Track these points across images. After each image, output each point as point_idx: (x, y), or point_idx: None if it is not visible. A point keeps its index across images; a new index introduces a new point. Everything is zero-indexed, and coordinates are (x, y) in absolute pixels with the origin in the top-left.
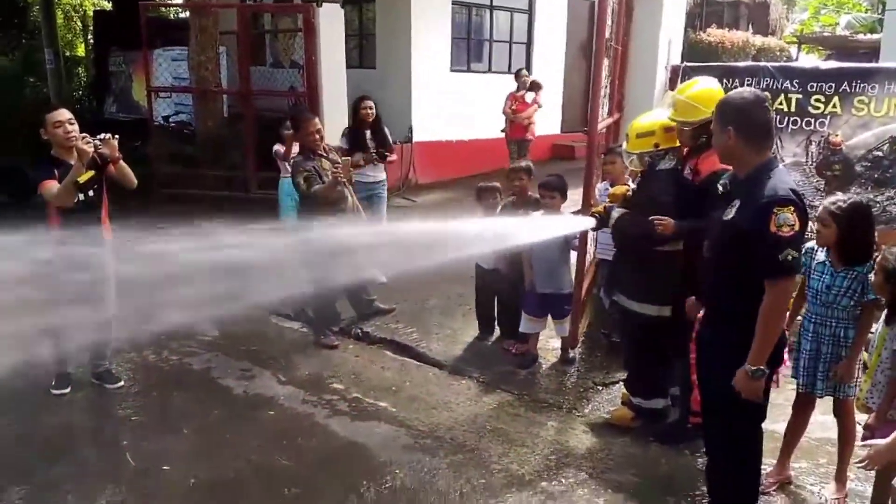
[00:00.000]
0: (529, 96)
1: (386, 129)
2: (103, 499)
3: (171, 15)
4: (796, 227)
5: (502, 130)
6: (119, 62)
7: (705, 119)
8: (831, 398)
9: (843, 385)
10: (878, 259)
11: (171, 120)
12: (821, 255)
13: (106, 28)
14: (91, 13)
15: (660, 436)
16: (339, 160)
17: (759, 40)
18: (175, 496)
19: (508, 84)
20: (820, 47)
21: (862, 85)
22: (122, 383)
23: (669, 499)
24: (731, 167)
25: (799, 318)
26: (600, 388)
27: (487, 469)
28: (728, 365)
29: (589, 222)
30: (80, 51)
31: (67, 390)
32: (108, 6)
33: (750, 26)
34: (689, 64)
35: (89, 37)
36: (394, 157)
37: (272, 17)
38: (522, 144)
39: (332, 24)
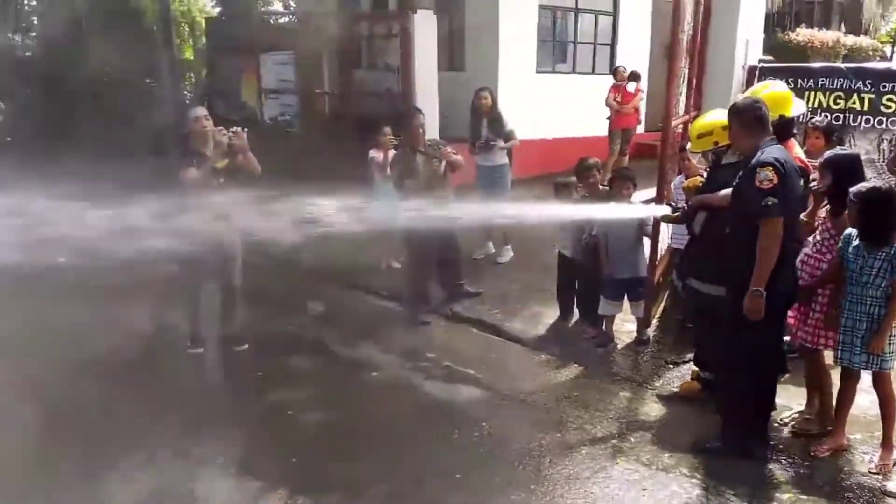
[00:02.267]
0: (632, 86)
1: (504, 118)
2: (240, 433)
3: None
4: (774, 182)
5: (608, 118)
6: (229, 65)
7: (772, 123)
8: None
9: (878, 358)
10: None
11: (277, 120)
12: (856, 240)
13: (217, 34)
14: (200, 20)
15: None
16: (436, 154)
17: (850, 40)
18: (297, 434)
19: (592, 84)
20: None
21: None
22: (246, 346)
23: (729, 460)
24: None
25: None
26: (671, 366)
27: (564, 426)
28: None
29: (664, 209)
30: (189, 55)
31: (201, 350)
32: (215, 14)
33: (842, 25)
34: (765, 64)
35: (197, 42)
36: (503, 143)
37: (369, 24)
38: (627, 133)
39: (425, 30)
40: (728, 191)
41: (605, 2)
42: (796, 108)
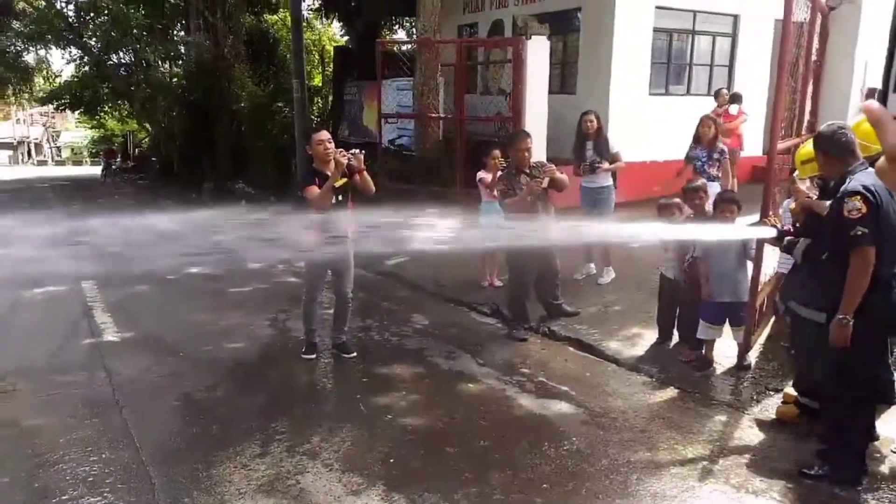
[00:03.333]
0: (734, 108)
1: (610, 140)
2: (344, 432)
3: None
4: (863, 211)
5: None
6: (353, 91)
7: (874, 155)
8: None
9: None
10: None
11: (394, 143)
12: None
13: (343, 61)
14: (329, 48)
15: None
16: (539, 174)
17: None
18: (396, 436)
19: (708, 106)
20: None
21: None
22: (354, 354)
23: (825, 487)
24: None
25: None
26: (772, 393)
27: (655, 447)
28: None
29: (769, 231)
30: (317, 81)
31: (314, 356)
32: (343, 42)
33: None
34: (882, 88)
35: (326, 69)
36: (607, 165)
37: (484, 50)
38: (732, 155)
39: (538, 55)
40: (828, 203)
41: (724, 23)
42: None
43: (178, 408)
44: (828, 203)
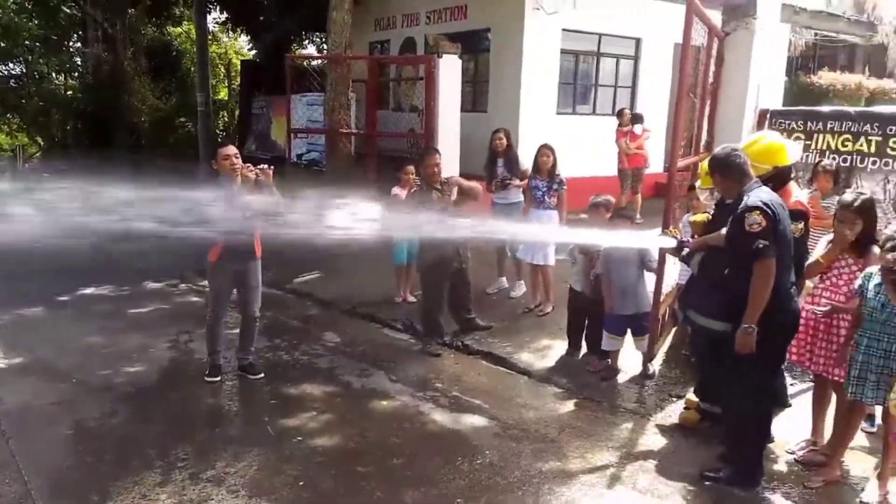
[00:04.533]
0: (638, 128)
1: (520, 158)
2: (251, 456)
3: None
4: (763, 224)
5: (617, 166)
6: (261, 106)
7: (766, 174)
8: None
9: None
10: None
11: (303, 158)
12: (877, 278)
13: (251, 75)
14: (235, 61)
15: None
16: (450, 190)
17: (873, 83)
18: (306, 458)
19: (612, 125)
20: None
21: None
22: (262, 375)
23: (726, 489)
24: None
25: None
26: (675, 399)
27: (565, 456)
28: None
29: (669, 242)
30: (223, 95)
31: (218, 379)
32: (250, 56)
33: (866, 69)
34: (774, 108)
35: (232, 83)
36: (517, 182)
37: (396, 67)
38: (637, 174)
39: (450, 74)
40: (723, 231)
41: (627, 46)
42: (792, 155)
43: (71, 437)
44: (723, 232)
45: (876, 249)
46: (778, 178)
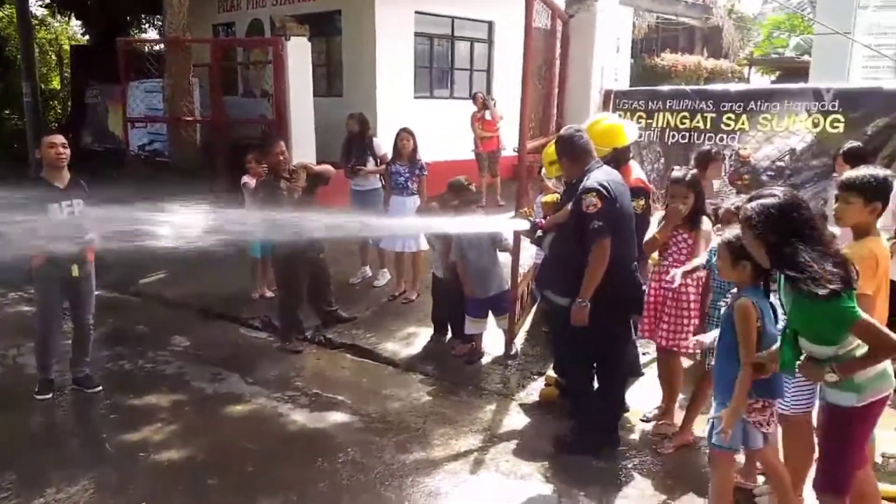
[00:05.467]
0: (488, 114)
1: (375, 143)
2: (86, 480)
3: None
4: (598, 205)
5: (473, 151)
6: (95, 94)
7: (606, 155)
8: None
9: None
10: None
11: (145, 149)
12: None
13: (83, 62)
14: (67, 47)
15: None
16: (299, 178)
17: (711, 63)
18: (150, 476)
19: (470, 108)
20: (770, 68)
21: (766, 104)
22: (100, 388)
23: (584, 458)
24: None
25: None
26: (537, 376)
27: (429, 444)
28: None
29: (523, 224)
30: (56, 84)
31: (49, 396)
32: (84, 41)
33: (704, 50)
34: (618, 89)
35: (65, 70)
36: (367, 167)
37: (244, 51)
38: (493, 157)
39: (299, 56)
40: (568, 209)
41: (480, 29)
42: (630, 135)
43: None
44: (569, 208)
45: (707, 222)
46: (618, 159)
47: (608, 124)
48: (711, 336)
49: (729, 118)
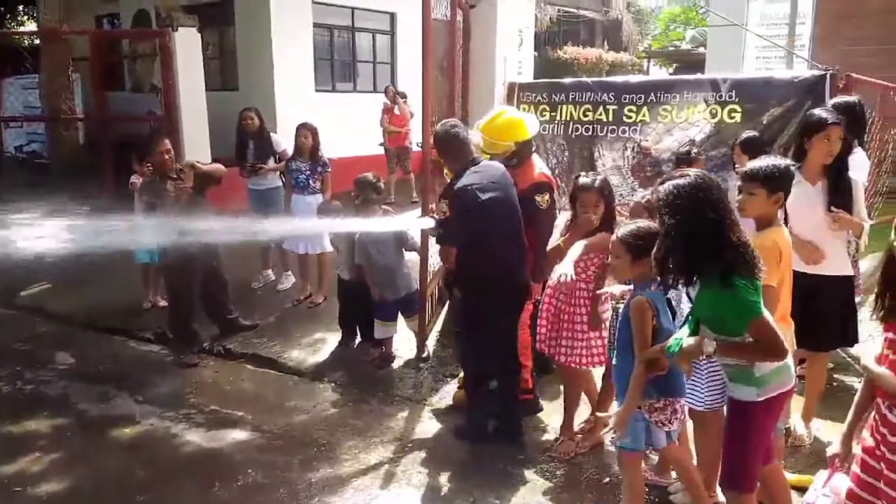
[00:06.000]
0: (397, 109)
1: (273, 139)
2: None
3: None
4: (445, 213)
5: (381, 144)
6: None
7: (508, 149)
8: None
9: None
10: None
11: (22, 150)
12: None
13: None
14: None
15: (462, 433)
16: (186, 177)
17: (611, 56)
18: None
19: (375, 102)
20: (668, 61)
21: (665, 95)
22: None
23: (498, 464)
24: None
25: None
26: (450, 378)
27: (337, 460)
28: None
29: (429, 222)
30: None
31: None
32: None
33: (605, 43)
34: (521, 81)
35: None
36: (272, 165)
37: (131, 43)
38: (403, 153)
39: (188, 48)
40: None
41: (382, 20)
42: (531, 129)
43: None
44: None
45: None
46: (520, 153)
47: (508, 118)
48: (619, 288)
49: (630, 110)
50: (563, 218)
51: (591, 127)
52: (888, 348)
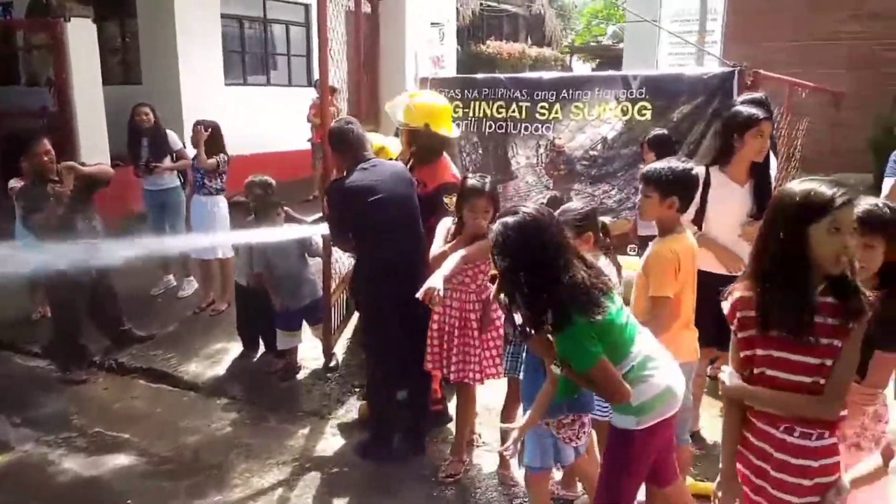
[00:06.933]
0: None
1: (170, 136)
2: None
3: None
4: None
5: (308, 140)
6: None
7: (416, 128)
8: None
9: None
10: None
11: None
12: None
13: None
14: None
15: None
16: (67, 179)
17: (534, 51)
18: None
19: (291, 96)
20: (591, 56)
21: (577, 92)
22: None
23: (401, 482)
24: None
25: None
26: (357, 390)
27: (228, 485)
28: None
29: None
30: None
31: None
32: None
33: (528, 38)
34: (434, 77)
35: None
36: (168, 164)
37: (24, 34)
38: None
39: (83, 40)
40: None
41: (296, 12)
42: (453, 129)
43: None
44: None
45: None
46: (433, 147)
47: (443, 103)
48: None
49: (543, 107)
50: (445, 224)
51: (504, 124)
52: (763, 364)
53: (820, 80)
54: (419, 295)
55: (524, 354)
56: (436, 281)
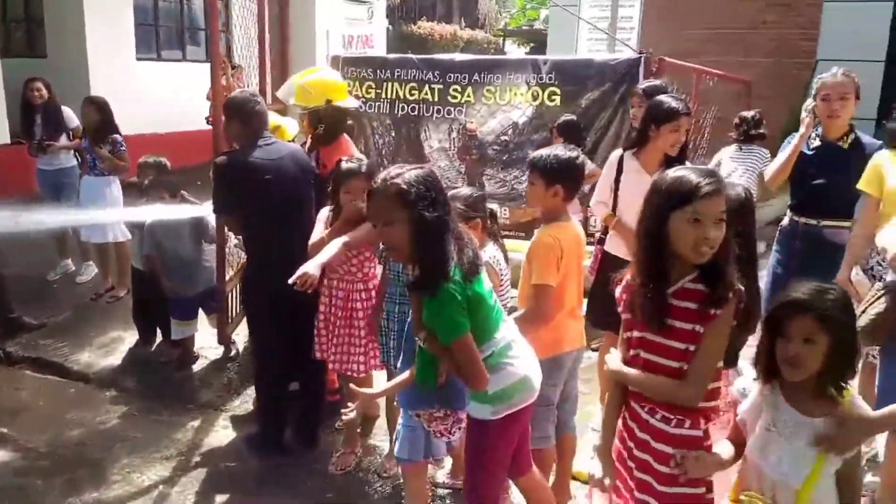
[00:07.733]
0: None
1: (66, 113)
2: None
3: None
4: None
5: (207, 119)
6: None
7: (319, 107)
8: None
9: None
10: None
11: None
12: None
13: None
14: None
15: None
16: None
17: (467, 33)
18: None
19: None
20: (524, 40)
21: (489, 76)
22: None
23: (291, 477)
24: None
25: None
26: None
27: (106, 481)
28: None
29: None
30: None
31: None
32: None
33: (461, 20)
34: (345, 56)
35: None
36: (64, 142)
37: None
38: None
39: None
40: None
41: None
42: (350, 99)
43: None
44: None
45: None
46: (332, 126)
47: (323, 78)
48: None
49: (455, 90)
50: (324, 212)
51: (416, 106)
52: (638, 347)
53: (739, 69)
54: (292, 280)
55: (404, 344)
56: (310, 266)
